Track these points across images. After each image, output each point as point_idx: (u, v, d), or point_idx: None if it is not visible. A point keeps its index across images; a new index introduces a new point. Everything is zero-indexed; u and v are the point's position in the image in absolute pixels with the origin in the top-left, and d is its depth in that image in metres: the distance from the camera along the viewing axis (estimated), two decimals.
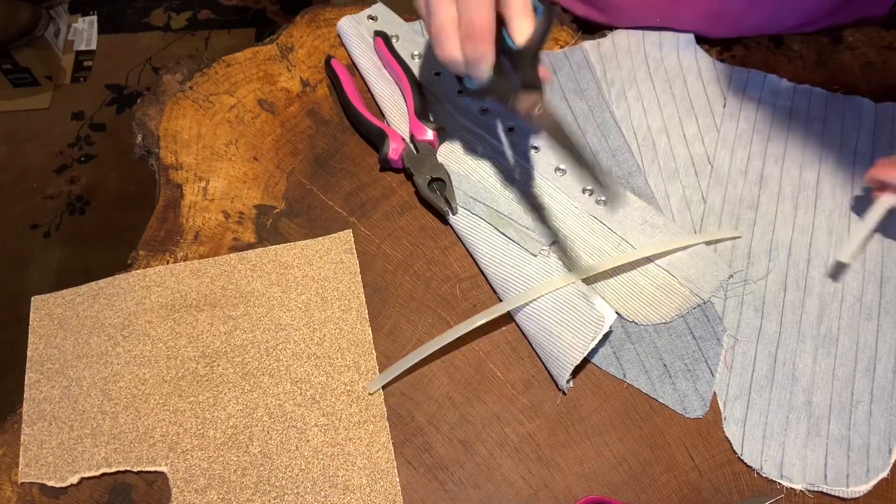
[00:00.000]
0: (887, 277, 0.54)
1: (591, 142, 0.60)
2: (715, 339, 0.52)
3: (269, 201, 0.59)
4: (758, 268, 0.55)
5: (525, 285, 0.52)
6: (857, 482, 0.47)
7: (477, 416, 0.51)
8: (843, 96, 0.62)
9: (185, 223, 0.58)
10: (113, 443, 0.50)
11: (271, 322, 0.53)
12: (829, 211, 0.57)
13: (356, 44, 0.64)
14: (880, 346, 0.51)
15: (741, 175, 0.58)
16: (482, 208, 0.55)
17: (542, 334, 0.51)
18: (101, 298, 0.55)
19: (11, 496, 0.49)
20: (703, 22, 0.64)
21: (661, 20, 0.65)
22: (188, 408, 0.51)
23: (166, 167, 0.60)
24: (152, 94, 0.64)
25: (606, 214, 0.55)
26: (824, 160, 0.59)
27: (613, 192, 0.50)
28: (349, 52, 0.65)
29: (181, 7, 1.89)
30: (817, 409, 0.49)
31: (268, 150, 0.62)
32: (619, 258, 0.53)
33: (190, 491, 0.48)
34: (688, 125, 0.61)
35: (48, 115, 1.74)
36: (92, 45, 1.84)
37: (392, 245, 0.57)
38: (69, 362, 0.52)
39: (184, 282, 0.55)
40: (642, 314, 0.52)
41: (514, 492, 0.48)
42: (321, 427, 0.50)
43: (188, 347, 0.53)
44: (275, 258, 0.56)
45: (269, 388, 0.51)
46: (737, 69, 0.63)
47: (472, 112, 0.60)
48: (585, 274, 0.52)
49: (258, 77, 0.65)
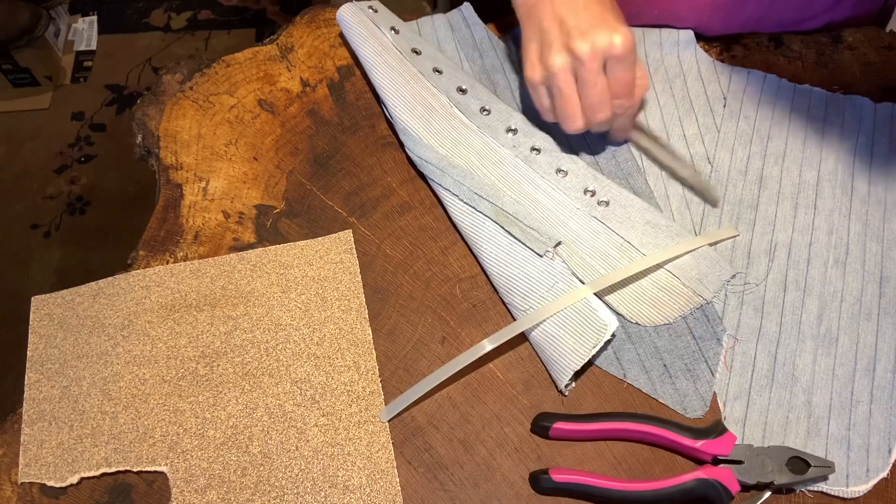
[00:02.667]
0: (887, 277, 0.54)
1: (591, 142, 0.60)
2: (715, 339, 0.52)
3: (269, 201, 0.59)
4: (758, 268, 0.55)
5: (529, 286, 0.52)
6: (856, 482, 0.47)
7: (477, 416, 0.51)
8: (843, 96, 0.62)
9: (185, 223, 0.58)
10: (113, 443, 0.50)
11: (271, 322, 0.53)
12: (829, 211, 0.57)
13: (357, 31, 0.63)
14: (880, 346, 0.51)
15: (741, 175, 0.58)
16: (487, 205, 0.54)
17: (543, 337, 0.51)
18: (101, 298, 0.55)
19: (11, 496, 0.49)
20: (701, 15, 0.64)
21: (659, 13, 0.65)
22: (188, 408, 0.51)
23: (166, 167, 0.60)
24: (152, 94, 0.64)
25: (608, 215, 0.55)
26: (824, 160, 0.59)
27: (714, 198, 0.57)
28: (349, 41, 0.64)
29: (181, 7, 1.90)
30: (817, 408, 0.49)
31: (268, 150, 0.62)
32: (630, 268, 0.52)
33: (190, 491, 0.48)
34: (688, 125, 0.61)
35: (48, 115, 1.74)
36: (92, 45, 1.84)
37: (392, 245, 0.57)
38: (69, 362, 0.52)
39: (184, 282, 0.55)
40: (645, 316, 0.52)
41: (514, 492, 0.48)
42: (321, 427, 0.50)
43: (188, 347, 0.53)
44: (275, 258, 0.56)
45: (269, 388, 0.51)
46: (737, 69, 0.63)
47: (473, 111, 0.60)
48: (597, 288, 0.51)
49: (258, 77, 0.65)
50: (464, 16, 0.67)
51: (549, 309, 0.51)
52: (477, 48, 0.66)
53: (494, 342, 0.50)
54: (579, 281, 0.52)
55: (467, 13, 0.67)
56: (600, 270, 0.53)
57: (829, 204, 0.57)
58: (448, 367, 0.50)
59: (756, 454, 0.46)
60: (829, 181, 0.58)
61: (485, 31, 0.66)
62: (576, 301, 0.51)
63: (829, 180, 0.58)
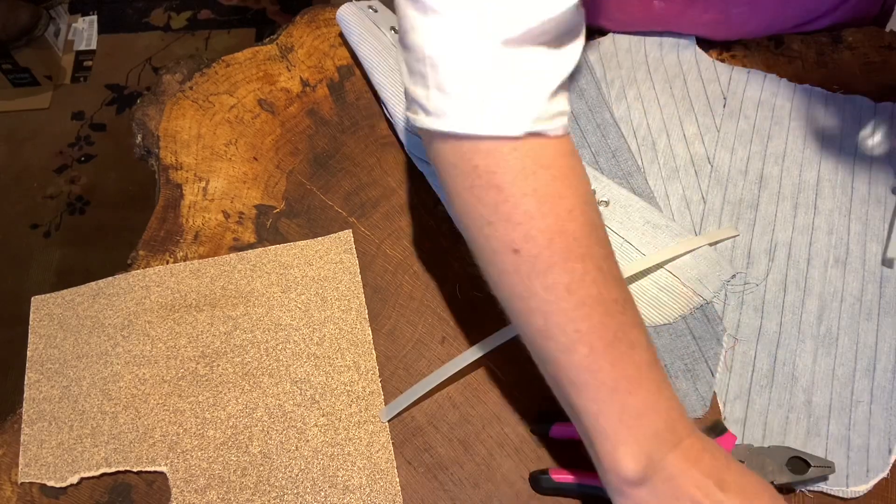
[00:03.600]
0: (887, 277, 0.54)
1: (591, 142, 0.60)
2: (715, 339, 0.52)
3: (268, 201, 0.59)
4: (758, 268, 0.55)
5: None
6: (856, 482, 0.47)
7: (477, 416, 0.51)
8: (843, 96, 0.62)
9: (185, 223, 0.58)
10: (113, 443, 0.50)
11: (271, 322, 0.53)
12: (829, 211, 0.57)
13: (356, 31, 0.63)
14: (880, 346, 0.51)
15: (741, 175, 0.58)
16: None
17: None
18: (101, 298, 0.55)
19: (11, 496, 0.49)
20: (704, 30, 0.65)
21: (662, 29, 0.65)
22: (188, 408, 0.51)
23: (166, 167, 0.60)
24: (152, 94, 0.64)
25: (608, 215, 0.55)
26: (824, 160, 0.59)
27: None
28: (349, 41, 0.64)
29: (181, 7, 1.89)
30: (817, 408, 0.49)
31: (268, 150, 0.62)
32: (630, 268, 0.52)
33: (190, 491, 0.48)
34: (688, 125, 0.61)
35: (48, 115, 1.74)
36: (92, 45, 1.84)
37: (392, 245, 0.57)
38: (69, 362, 0.52)
39: (184, 282, 0.55)
40: (646, 316, 0.52)
41: (514, 492, 0.48)
42: (321, 427, 0.50)
43: (188, 347, 0.53)
44: (275, 258, 0.56)
45: (269, 388, 0.51)
46: (737, 69, 0.64)
47: None
48: None
49: (258, 77, 0.65)
50: None
51: None
52: None
53: (494, 342, 0.50)
54: None
55: None
56: None
57: (829, 204, 0.57)
58: (448, 367, 0.50)
59: (756, 454, 0.46)
60: (829, 181, 0.58)
61: None
62: None
63: (829, 180, 0.58)
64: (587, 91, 0.63)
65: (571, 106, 0.62)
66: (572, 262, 0.37)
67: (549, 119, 0.38)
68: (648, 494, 0.38)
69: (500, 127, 0.36)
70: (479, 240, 0.40)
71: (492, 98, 0.36)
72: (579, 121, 0.61)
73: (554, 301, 0.37)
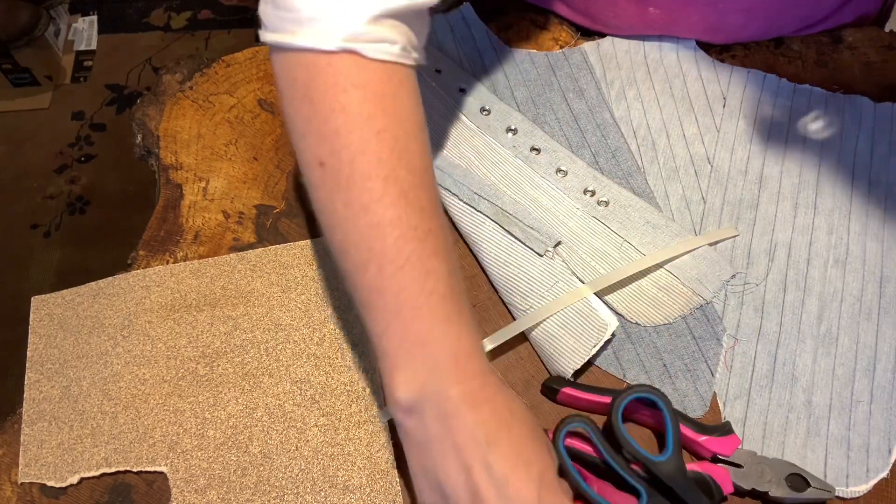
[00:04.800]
0: (887, 277, 0.54)
1: (591, 142, 0.60)
2: (715, 339, 0.52)
3: (269, 201, 0.59)
4: (758, 268, 0.55)
5: (529, 286, 0.52)
6: (856, 482, 0.47)
7: None
8: (843, 96, 0.62)
9: (184, 223, 0.58)
10: (113, 443, 0.50)
11: (271, 322, 0.53)
12: (829, 211, 0.57)
13: None
14: (880, 346, 0.51)
15: (741, 175, 0.58)
16: (487, 205, 0.55)
17: (543, 336, 0.51)
18: (101, 298, 0.55)
19: (11, 496, 0.49)
20: (700, 36, 0.65)
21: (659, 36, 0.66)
22: (188, 408, 0.51)
23: (166, 167, 0.60)
24: (152, 94, 0.64)
25: (608, 215, 0.55)
26: (824, 160, 0.59)
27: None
28: None
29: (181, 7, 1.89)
30: (817, 408, 0.49)
31: (268, 150, 0.62)
32: (630, 268, 0.52)
33: (190, 491, 0.48)
34: (687, 125, 0.61)
35: (48, 115, 1.74)
36: (92, 45, 1.84)
37: None
38: (69, 362, 0.52)
39: (184, 282, 0.55)
40: (645, 316, 0.52)
41: None
42: (321, 427, 0.50)
43: (188, 347, 0.53)
44: (275, 258, 0.56)
45: (269, 388, 0.51)
46: (737, 69, 0.64)
47: (473, 111, 0.60)
48: (597, 288, 0.51)
49: (258, 77, 0.65)
50: (464, 16, 0.67)
51: (549, 308, 0.51)
52: (477, 48, 0.66)
53: (494, 342, 0.50)
54: (579, 281, 0.53)
55: (467, 13, 0.67)
56: (600, 270, 0.53)
57: (829, 204, 0.57)
58: None
59: (757, 462, 0.46)
60: (829, 181, 0.58)
61: (485, 31, 0.66)
62: (576, 301, 0.51)
63: (829, 180, 0.58)
64: (587, 91, 0.63)
65: (571, 106, 0.62)
66: (371, 182, 0.39)
67: (369, 42, 0.39)
68: (416, 425, 0.38)
69: (314, 40, 0.39)
70: (297, 153, 0.42)
71: (314, 13, 0.39)
72: (579, 121, 0.61)
73: (351, 218, 0.39)
